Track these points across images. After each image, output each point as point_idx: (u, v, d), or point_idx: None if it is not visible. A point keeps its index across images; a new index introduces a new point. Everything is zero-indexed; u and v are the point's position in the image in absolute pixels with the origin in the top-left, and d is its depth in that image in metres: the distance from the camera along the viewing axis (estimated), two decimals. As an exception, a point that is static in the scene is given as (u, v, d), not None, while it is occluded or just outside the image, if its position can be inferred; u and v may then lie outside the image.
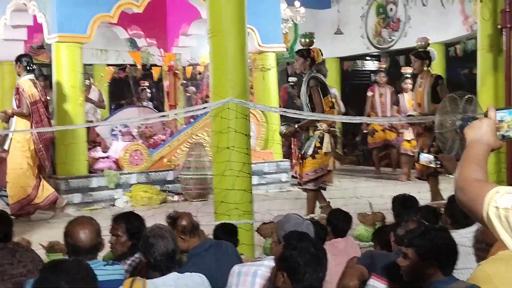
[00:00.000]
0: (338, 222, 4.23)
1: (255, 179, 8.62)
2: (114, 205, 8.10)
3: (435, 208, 4.87)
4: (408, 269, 2.85)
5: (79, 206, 7.92)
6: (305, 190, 6.41)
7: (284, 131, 6.57)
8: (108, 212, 6.19)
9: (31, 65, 7.07)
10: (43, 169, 7.42)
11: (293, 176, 7.95)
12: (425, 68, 6.63)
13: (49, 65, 9.58)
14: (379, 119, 9.95)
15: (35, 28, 9.36)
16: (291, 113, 5.79)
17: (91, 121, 9.76)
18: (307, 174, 6.32)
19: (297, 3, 11.43)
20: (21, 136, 6.97)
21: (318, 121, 6.20)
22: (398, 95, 9.88)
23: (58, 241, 4.75)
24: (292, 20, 11.70)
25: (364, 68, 14.77)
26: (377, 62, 11.39)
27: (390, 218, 5.08)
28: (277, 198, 6.56)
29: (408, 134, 9.09)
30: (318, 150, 6.22)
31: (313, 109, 6.21)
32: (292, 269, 2.52)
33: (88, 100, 10.10)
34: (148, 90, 12.70)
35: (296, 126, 6.44)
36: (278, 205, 6.20)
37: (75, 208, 7.83)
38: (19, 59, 7.12)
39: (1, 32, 9.67)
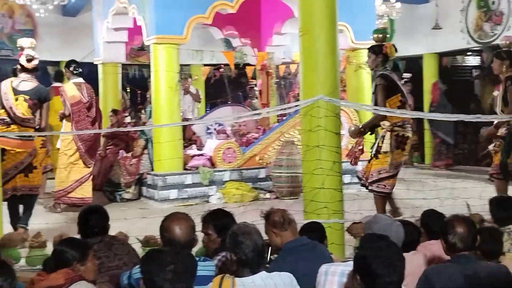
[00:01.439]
0: (432, 223, 4.08)
1: (346, 178, 8.52)
2: (208, 202, 8.29)
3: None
4: None
5: (175, 202, 8.17)
6: (371, 191, 6.18)
7: (351, 130, 6.41)
8: (202, 208, 6.35)
9: (78, 69, 7.65)
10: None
11: (358, 177, 7.76)
12: (504, 69, 6.27)
13: (149, 66, 9.97)
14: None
15: (136, 31, 9.75)
16: (383, 111, 5.63)
17: (189, 119, 10.06)
18: (371, 174, 6.12)
19: (392, -1, 11.18)
20: (65, 136, 7.60)
21: (384, 119, 5.95)
22: None
23: (153, 235, 4.93)
24: (388, 16, 11.46)
25: (464, 64, 14.18)
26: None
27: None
28: (368, 198, 6.41)
29: None
30: (380, 150, 5.99)
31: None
32: (364, 271, 2.49)
33: (188, 92, 10.49)
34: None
35: (360, 126, 6.28)
36: (369, 205, 6.08)
37: (171, 203, 8.09)
38: (67, 64, 7.74)
39: (104, 35, 10.15)
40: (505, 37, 6.50)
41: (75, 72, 7.62)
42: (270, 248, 3.59)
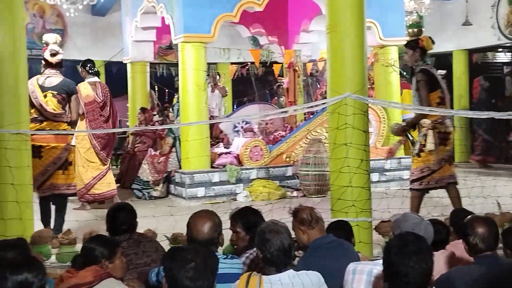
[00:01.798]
0: (462, 222, 4.02)
1: (375, 176, 8.51)
2: (235, 199, 8.31)
3: None
4: None
5: (202, 200, 8.22)
6: (411, 190, 6.13)
7: (394, 128, 6.35)
8: (229, 206, 6.36)
9: (93, 68, 7.82)
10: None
11: None
12: None
13: (176, 65, 10.03)
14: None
15: (164, 30, 9.82)
16: (412, 108, 5.57)
17: (216, 117, 10.11)
18: (412, 173, 6.09)
19: (422, -5, 11.05)
20: (80, 134, 7.72)
21: (425, 117, 5.88)
22: None
23: (181, 233, 4.96)
24: (417, 12, 11.33)
25: (495, 60, 13.95)
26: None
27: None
28: (397, 196, 6.34)
29: None
30: (423, 149, 5.90)
31: (420, 105, 5.92)
32: (387, 269, 2.48)
33: (216, 87, 10.56)
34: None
35: (404, 124, 6.21)
36: (398, 203, 6.02)
37: (199, 201, 8.14)
38: (83, 64, 7.88)
39: (132, 34, 10.25)
40: None
41: (90, 71, 7.78)
42: (295, 244, 3.58)
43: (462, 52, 12.65)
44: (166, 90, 12.44)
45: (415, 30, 6.26)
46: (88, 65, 7.81)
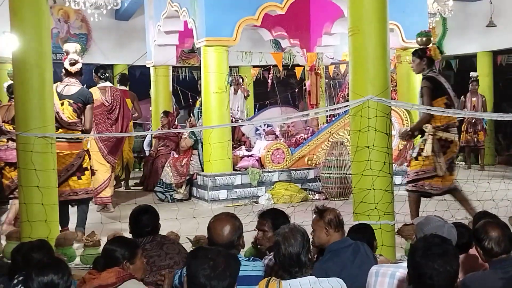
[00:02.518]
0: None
1: (398, 179, 8.44)
2: (257, 202, 8.33)
3: None
4: None
5: (224, 202, 8.25)
6: (407, 190, 6.26)
7: (401, 132, 6.44)
8: (251, 209, 6.38)
9: (104, 74, 8.17)
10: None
11: None
12: None
13: (198, 68, 10.07)
14: None
15: (186, 33, 9.89)
16: (435, 111, 5.54)
17: (238, 120, 10.13)
18: (408, 174, 6.23)
19: (445, -4, 10.96)
20: (90, 138, 7.84)
21: (429, 123, 5.96)
22: None
23: (204, 235, 4.98)
24: (440, 14, 11.25)
25: (520, 62, 13.77)
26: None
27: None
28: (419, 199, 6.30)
29: None
30: (421, 153, 6.00)
31: None
32: (412, 272, 2.47)
33: (239, 88, 10.76)
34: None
35: (408, 128, 6.30)
36: (421, 206, 5.98)
37: (221, 204, 8.17)
38: (95, 70, 8.23)
39: (155, 38, 10.34)
40: None
41: (102, 77, 8.08)
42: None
43: (486, 54, 12.51)
44: (189, 94, 12.51)
45: (424, 39, 6.27)
46: (100, 71, 8.12)
